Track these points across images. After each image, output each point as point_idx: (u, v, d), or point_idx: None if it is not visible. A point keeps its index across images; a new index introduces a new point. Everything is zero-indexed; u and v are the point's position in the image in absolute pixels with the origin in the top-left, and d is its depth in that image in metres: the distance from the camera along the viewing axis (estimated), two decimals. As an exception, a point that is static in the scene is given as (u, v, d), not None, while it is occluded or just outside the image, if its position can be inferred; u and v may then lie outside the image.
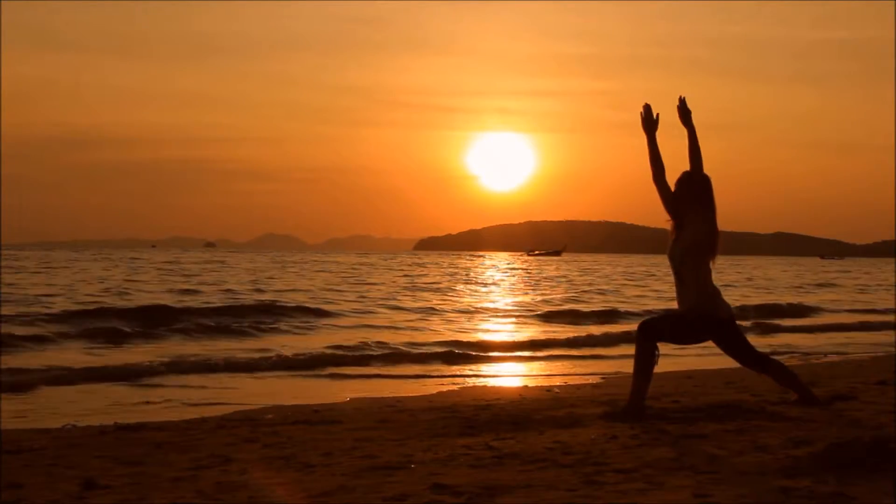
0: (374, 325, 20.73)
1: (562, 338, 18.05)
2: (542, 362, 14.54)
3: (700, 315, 6.49)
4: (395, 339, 17.37)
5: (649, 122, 6.74)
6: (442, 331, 19.60)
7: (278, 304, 24.83)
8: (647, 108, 6.74)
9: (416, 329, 20.09)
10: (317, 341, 16.84)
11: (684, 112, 6.60)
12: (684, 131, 6.59)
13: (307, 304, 25.23)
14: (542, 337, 18.43)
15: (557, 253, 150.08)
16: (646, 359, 6.46)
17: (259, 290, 32.65)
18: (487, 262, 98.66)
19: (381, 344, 16.11)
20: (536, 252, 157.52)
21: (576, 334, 18.71)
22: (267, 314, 22.21)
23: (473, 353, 15.23)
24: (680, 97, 6.63)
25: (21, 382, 11.11)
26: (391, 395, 10.08)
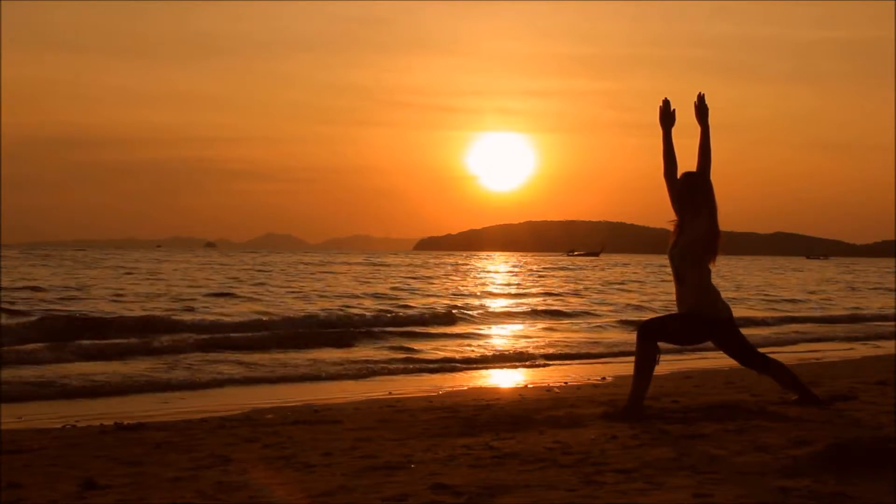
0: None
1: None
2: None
3: (700, 316, 6.49)
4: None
5: (666, 117, 6.71)
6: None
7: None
8: (666, 102, 6.72)
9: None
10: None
11: (701, 109, 6.58)
12: (696, 129, 6.57)
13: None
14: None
15: (596, 254, 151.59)
16: (646, 359, 6.46)
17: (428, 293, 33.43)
18: (555, 262, 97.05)
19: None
20: (577, 252, 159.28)
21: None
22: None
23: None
24: (699, 94, 6.60)
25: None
26: (391, 396, 10.08)
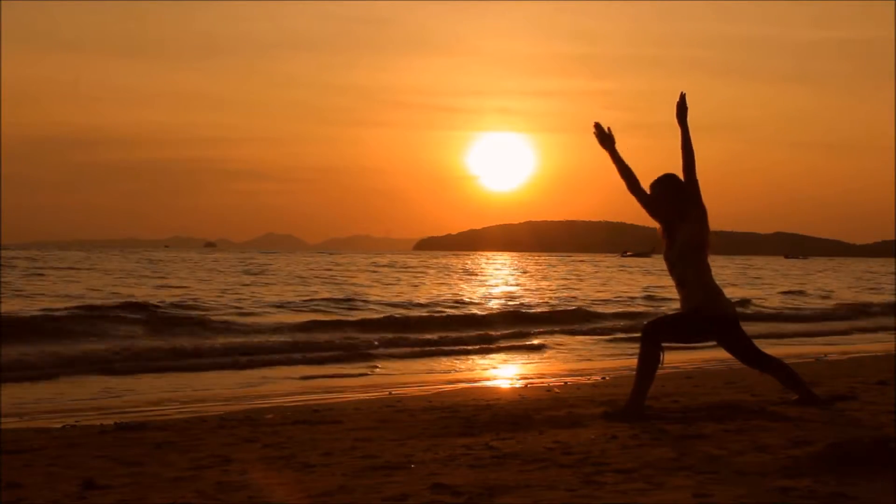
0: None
1: None
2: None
3: (704, 314, 6.48)
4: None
5: (604, 139, 6.78)
6: None
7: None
8: (598, 126, 6.80)
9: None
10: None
11: (681, 109, 6.59)
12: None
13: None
14: None
15: (647, 254, 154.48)
16: (649, 360, 6.44)
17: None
18: (620, 265, 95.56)
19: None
20: (629, 253, 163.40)
21: None
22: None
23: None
24: (681, 93, 6.61)
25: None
26: (391, 396, 10.08)
